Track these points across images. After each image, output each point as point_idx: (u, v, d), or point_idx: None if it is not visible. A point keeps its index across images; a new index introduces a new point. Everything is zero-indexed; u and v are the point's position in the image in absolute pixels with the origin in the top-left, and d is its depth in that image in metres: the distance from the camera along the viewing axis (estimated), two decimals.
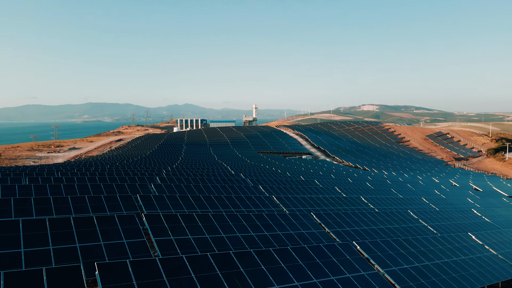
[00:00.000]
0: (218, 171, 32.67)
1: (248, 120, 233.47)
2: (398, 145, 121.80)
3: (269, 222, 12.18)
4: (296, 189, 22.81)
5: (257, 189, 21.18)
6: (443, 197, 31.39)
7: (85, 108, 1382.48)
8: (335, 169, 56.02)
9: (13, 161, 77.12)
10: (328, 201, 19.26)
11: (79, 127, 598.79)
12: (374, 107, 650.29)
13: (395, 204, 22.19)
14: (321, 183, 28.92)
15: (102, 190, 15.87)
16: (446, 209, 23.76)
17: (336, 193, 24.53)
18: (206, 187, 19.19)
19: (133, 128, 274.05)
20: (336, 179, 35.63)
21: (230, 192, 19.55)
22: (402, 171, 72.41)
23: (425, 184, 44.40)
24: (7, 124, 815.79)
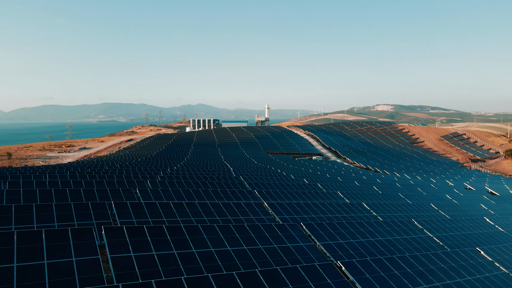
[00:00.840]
0: (218, 173, 31.61)
1: (260, 120, 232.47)
2: (412, 146, 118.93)
3: (250, 234, 11.01)
4: (294, 194, 21.56)
5: (252, 194, 20.01)
6: (455, 203, 29.65)
7: (101, 108, 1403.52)
8: (343, 171, 54.41)
9: (23, 161, 77.72)
10: (326, 208, 17.95)
11: (94, 127, 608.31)
12: (388, 107, 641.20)
13: (401, 210, 20.72)
14: (324, 187, 27.56)
15: (82, 196, 14.92)
16: (456, 217, 22.14)
17: (338, 198, 23.17)
18: (196, 192, 18.12)
19: (146, 128, 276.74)
20: (342, 182, 34.19)
21: (222, 198, 18.45)
22: (415, 173, 70.22)
23: (438, 188, 42.51)
24: (25, 124, 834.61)
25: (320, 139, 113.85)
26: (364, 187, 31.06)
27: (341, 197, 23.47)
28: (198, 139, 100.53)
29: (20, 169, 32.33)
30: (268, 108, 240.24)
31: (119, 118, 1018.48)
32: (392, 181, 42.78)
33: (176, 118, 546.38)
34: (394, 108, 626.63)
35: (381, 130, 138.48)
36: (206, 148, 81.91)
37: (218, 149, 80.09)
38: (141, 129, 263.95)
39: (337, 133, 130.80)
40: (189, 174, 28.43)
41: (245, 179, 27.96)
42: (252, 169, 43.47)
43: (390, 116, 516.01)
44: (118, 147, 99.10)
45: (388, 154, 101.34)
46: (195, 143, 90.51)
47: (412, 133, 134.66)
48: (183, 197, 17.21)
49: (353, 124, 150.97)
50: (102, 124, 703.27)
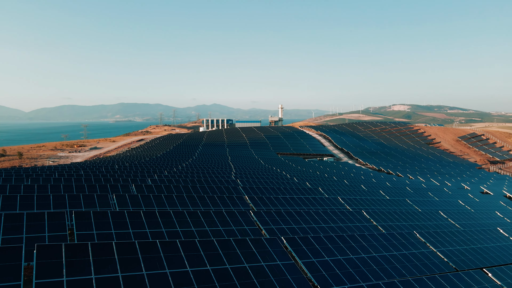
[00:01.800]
0: (217, 176, 30.33)
1: (274, 120, 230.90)
2: (427, 147, 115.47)
3: (218, 251, 9.63)
4: (290, 200, 20.06)
5: (242, 200, 18.61)
6: (467, 209, 27.63)
7: (117, 108, 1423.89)
8: (352, 174, 52.49)
9: (33, 161, 78.16)
10: (320, 217, 16.40)
11: (110, 126, 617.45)
12: (405, 107, 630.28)
13: (405, 219, 18.99)
14: (326, 192, 25.94)
15: (34, 204, 13.75)
16: (467, 227, 20.27)
17: (338, 204, 21.56)
18: (180, 198, 16.85)
19: (160, 127, 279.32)
20: (347, 186, 32.46)
21: (209, 205, 17.11)
22: (430, 175, 67.62)
23: (452, 192, 40.28)
24: (44, 123, 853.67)
25: (332, 140, 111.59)
26: (371, 191, 29.28)
27: (342, 203, 21.85)
28: (207, 139, 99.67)
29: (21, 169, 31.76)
30: (281, 108, 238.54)
31: (135, 118, 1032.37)
32: (402, 185, 40.75)
33: (190, 118, 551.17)
34: (411, 108, 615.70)
35: (396, 131, 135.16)
36: (215, 148, 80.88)
37: (226, 150, 78.97)
38: (155, 129, 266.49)
39: (350, 133, 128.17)
40: (183, 178, 27.24)
41: (242, 183, 26.58)
42: (256, 171, 42.06)
43: (407, 116, 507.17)
44: (128, 147, 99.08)
45: (402, 156, 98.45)
46: (204, 144, 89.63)
47: (428, 134, 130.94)
48: (164, 204, 15.95)
49: (366, 124, 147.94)
50: (118, 124, 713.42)
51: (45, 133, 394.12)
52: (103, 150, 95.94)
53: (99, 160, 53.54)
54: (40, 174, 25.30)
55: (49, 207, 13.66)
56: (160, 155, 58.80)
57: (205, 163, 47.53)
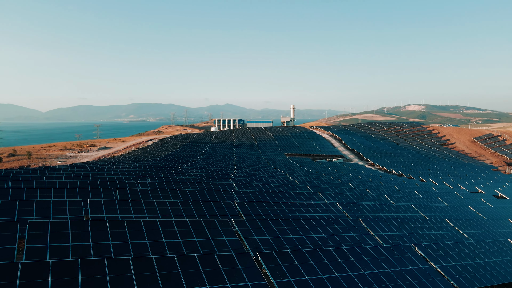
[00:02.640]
0: (214, 179, 29.19)
1: (285, 121, 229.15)
2: (441, 148, 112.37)
3: (155, 272, 8.42)
4: (283, 206, 18.76)
5: (230, 207, 17.41)
6: (478, 215, 25.87)
7: (131, 109, 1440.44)
8: (361, 176, 50.79)
9: (42, 160, 78.51)
10: (311, 226, 15.08)
11: (124, 126, 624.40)
12: (420, 107, 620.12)
13: (406, 228, 17.51)
14: (326, 196, 24.56)
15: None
16: (475, 236, 18.65)
17: (336, 211, 20.18)
18: (161, 204, 15.76)
19: (172, 128, 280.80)
20: (351, 190, 30.98)
21: (192, 211, 15.97)
22: (442, 177, 65.30)
23: (464, 197, 38.32)
24: (60, 123, 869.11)
25: (343, 140, 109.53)
26: (376, 196, 27.73)
27: (340, 210, 20.45)
28: (216, 139, 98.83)
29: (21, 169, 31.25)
30: (293, 108, 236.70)
31: (149, 118, 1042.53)
32: (411, 188, 38.99)
33: (202, 118, 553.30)
34: (426, 108, 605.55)
35: (409, 131, 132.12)
36: (222, 149, 79.90)
37: (233, 150, 77.90)
38: (167, 129, 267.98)
39: (361, 134, 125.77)
40: (177, 181, 26.19)
41: (238, 186, 25.39)
42: (258, 173, 40.81)
43: (422, 117, 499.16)
44: (136, 147, 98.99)
45: (415, 157, 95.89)
46: (212, 144, 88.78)
47: (442, 134, 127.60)
48: (143, 210, 14.86)
49: (378, 125, 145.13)
50: (132, 124, 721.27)
51: (59, 132, 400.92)
52: (111, 150, 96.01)
53: (100, 161, 53.09)
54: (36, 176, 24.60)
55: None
56: (165, 156, 58.07)
57: (208, 165, 46.52)
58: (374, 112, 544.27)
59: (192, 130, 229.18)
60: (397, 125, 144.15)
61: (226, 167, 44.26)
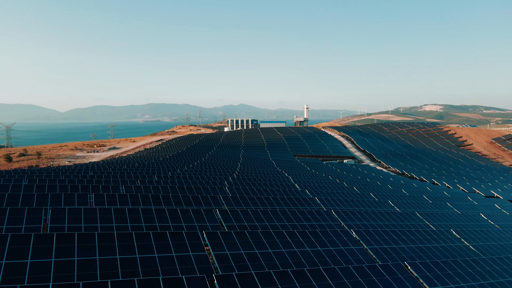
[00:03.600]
0: (208, 183, 27.89)
1: (299, 121, 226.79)
2: (457, 149, 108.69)
3: None
4: (270, 214, 17.28)
5: (211, 215, 16.02)
6: (491, 225, 23.82)
7: (147, 109, 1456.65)
8: (370, 178, 48.78)
9: (50, 160, 78.80)
10: (294, 238, 13.56)
11: (139, 126, 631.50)
12: (437, 107, 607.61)
13: (404, 240, 15.79)
14: (324, 202, 22.95)
15: None
16: (484, 250, 16.76)
17: (330, 219, 18.57)
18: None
19: (186, 128, 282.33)
20: (356, 195, 29.23)
21: (162, 221, 14.65)
22: (457, 180, 62.62)
23: (478, 202, 36.09)
24: (78, 123, 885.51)
25: (355, 141, 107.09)
26: (380, 202, 25.92)
27: (334, 218, 18.83)
28: (224, 140, 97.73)
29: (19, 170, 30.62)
30: (307, 108, 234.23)
31: (164, 118, 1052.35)
32: (421, 193, 36.92)
33: (216, 118, 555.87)
34: (444, 108, 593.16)
35: (424, 132, 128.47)
36: (229, 149, 78.69)
37: (241, 151, 76.58)
38: (181, 129, 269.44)
39: (374, 134, 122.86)
40: (163, 185, 24.96)
41: (231, 191, 24.00)
42: (259, 175, 39.36)
43: (439, 117, 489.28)
44: (145, 147, 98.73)
45: (430, 158, 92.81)
46: (220, 144, 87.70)
47: (459, 135, 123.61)
48: (93, 220, 13.57)
49: (392, 125, 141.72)
50: (147, 124, 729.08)
51: (76, 132, 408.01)
52: (120, 150, 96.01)
53: (102, 162, 52.48)
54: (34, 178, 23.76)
55: None
56: (169, 157, 57.16)
57: (210, 166, 45.30)
58: (390, 112, 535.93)
59: (206, 130, 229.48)
60: (412, 125, 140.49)
61: (228, 169, 42.95)
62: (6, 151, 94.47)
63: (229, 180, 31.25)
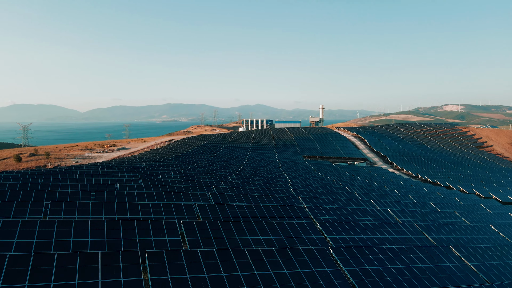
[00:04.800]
0: (195, 188, 26.30)
1: (314, 121, 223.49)
2: (476, 151, 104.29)
3: None
4: (244, 227, 15.53)
5: (172, 230, 14.38)
6: (502, 238, 21.36)
7: (164, 109, 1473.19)
8: (378, 182, 46.34)
9: (58, 161, 78.96)
10: (270, 256, 11.78)
11: (156, 126, 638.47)
12: (458, 107, 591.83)
13: (392, 260, 13.75)
14: (313, 211, 21.03)
15: None
16: (486, 272, 14.53)
17: (314, 232, 16.65)
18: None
19: (201, 128, 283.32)
20: (355, 202, 27.11)
21: (111, 235, 13.09)
22: (474, 184, 59.34)
23: (492, 210, 33.38)
24: (97, 123, 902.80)
25: (368, 142, 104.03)
26: (380, 211, 23.76)
27: (318, 231, 16.89)
28: (234, 140, 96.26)
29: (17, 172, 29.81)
30: (322, 108, 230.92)
31: (181, 118, 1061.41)
32: (428, 199, 34.41)
33: (232, 119, 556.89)
34: (465, 108, 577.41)
35: (441, 133, 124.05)
36: (236, 150, 77.12)
37: (248, 152, 74.90)
38: (196, 129, 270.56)
39: (389, 135, 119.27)
40: (148, 190, 23.48)
41: (214, 198, 22.33)
42: (258, 178, 37.59)
43: (460, 117, 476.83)
44: (153, 147, 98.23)
45: (446, 160, 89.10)
46: (227, 145, 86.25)
47: (479, 136, 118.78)
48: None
49: (408, 126, 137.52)
50: (164, 124, 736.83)
51: (93, 132, 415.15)
52: (129, 151, 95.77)
53: (101, 164, 51.69)
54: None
55: None
56: (171, 158, 55.98)
57: (210, 169, 43.78)
58: (408, 113, 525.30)
59: (221, 130, 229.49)
60: (429, 126, 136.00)
61: (227, 171, 41.31)
62: (18, 151, 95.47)
63: (220, 185, 29.60)
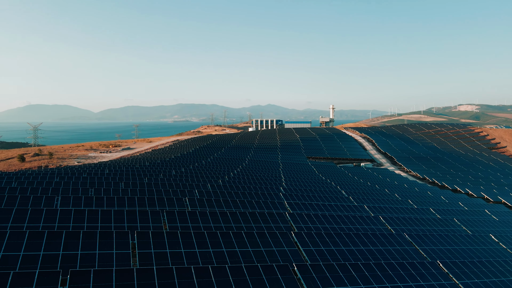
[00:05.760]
0: (169, 194, 25.01)
1: (324, 121, 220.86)
2: (489, 152, 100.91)
3: None
4: (208, 236, 14.11)
5: (122, 241, 13.01)
6: (502, 249, 19.47)
7: (176, 109, 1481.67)
8: (379, 185, 44.41)
9: (60, 161, 78.75)
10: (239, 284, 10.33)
11: (168, 126, 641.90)
12: (473, 107, 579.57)
13: (367, 279, 12.17)
14: (294, 218, 19.50)
15: None
16: None
17: (287, 244, 15.13)
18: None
19: (211, 128, 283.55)
20: (347, 207, 25.48)
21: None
22: (484, 187, 56.85)
23: (498, 217, 31.30)
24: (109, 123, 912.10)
25: (376, 143, 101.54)
26: (370, 218, 22.12)
27: (292, 243, 15.34)
28: (238, 141, 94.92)
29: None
30: (332, 108, 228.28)
31: (192, 118, 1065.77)
32: (429, 204, 32.46)
33: (242, 119, 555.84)
34: (480, 108, 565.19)
35: (453, 133, 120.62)
36: (238, 151, 75.75)
37: (250, 153, 73.45)
38: (206, 129, 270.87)
39: (399, 135, 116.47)
40: (124, 194, 22.26)
41: (191, 203, 20.96)
42: (253, 180, 36.14)
43: (475, 117, 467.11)
44: (154, 148, 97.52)
45: (457, 162, 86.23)
46: (231, 145, 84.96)
47: (492, 137, 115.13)
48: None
49: (419, 126, 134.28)
50: (175, 124, 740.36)
51: (104, 132, 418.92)
52: (133, 151, 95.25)
53: (94, 164, 50.88)
54: None
55: None
56: (169, 159, 54.91)
57: (202, 171, 42.50)
58: (422, 113, 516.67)
59: (230, 130, 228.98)
60: (440, 126, 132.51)
61: (221, 173, 39.95)
62: (23, 151, 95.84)
63: (207, 189, 28.24)
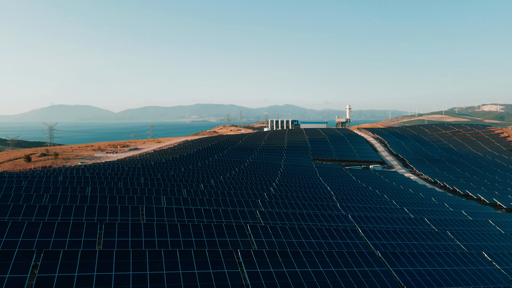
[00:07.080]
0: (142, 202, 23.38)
1: (340, 121, 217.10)
2: (510, 155, 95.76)
3: None
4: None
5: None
6: (498, 271, 16.91)
7: (194, 109, 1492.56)
8: (380, 190, 41.73)
9: (65, 161, 78.69)
10: None
11: (185, 126, 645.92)
12: (497, 107, 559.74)
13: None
14: (264, 231, 17.52)
15: None
16: None
17: (228, 265, 13.16)
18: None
19: (227, 128, 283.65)
20: (332, 216, 23.30)
21: None
22: (499, 192, 53.24)
23: (503, 229, 28.42)
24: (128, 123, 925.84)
25: (388, 144, 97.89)
26: (348, 231, 19.87)
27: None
28: (243, 142, 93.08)
29: None
30: (349, 109, 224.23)
31: (210, 118, 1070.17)
32: (428, 213, 29.79)
33: (259, 119, 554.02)
34: (505, 108, 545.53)
35: (471, 134, 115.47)
36: (242, 152, 73.91)
37: (252, 155, 71.46)
38: (222, 129, 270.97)
39: (413, 137, 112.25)
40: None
41: (147, 213, 19.22)
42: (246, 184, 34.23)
43: (500, 118, 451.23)
44: (159, 148, 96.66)
45: (473, 164, 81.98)
46: (235, 147, 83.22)
47: None
48: None
49: (435, 127, 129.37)
50: (193, 124, 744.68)
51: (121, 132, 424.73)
52: (139, 151, 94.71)
53: (88, 166, 49.95)
54: None
55: None
56: (165, 160, 53.51)
57: (196, 173, 40.84)
58: (443, 113, 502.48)
59: (246, 131, 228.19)
60: (458, 127, 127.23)
61: (215, 175, 38.16)
62: (32, 151, 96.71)
63: (190, 195, 26.46)
